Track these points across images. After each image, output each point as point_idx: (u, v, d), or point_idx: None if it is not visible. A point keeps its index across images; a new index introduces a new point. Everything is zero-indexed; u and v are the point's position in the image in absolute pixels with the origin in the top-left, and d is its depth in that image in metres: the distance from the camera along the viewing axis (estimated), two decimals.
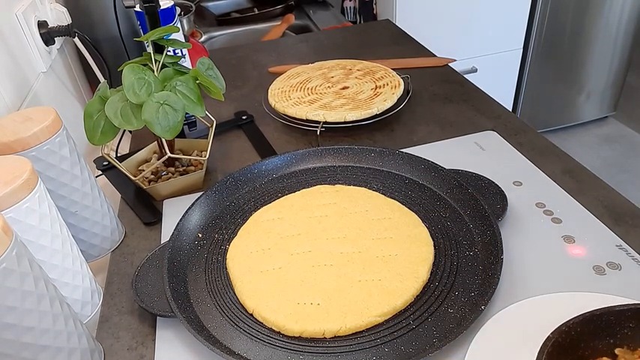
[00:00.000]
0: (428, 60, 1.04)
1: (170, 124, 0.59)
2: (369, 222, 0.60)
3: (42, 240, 0.48)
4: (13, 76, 0.72)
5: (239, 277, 0.54)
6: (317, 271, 0.54)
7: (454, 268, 0.54)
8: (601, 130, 2.37)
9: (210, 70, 0.67)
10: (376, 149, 0.70)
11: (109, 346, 0.51)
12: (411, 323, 0.48)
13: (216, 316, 0.51)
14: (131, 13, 1.00)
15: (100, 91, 0.62)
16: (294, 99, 0.86)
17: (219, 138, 0.84)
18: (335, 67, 0.96)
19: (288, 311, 0.50)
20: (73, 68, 1.02)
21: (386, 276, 0.52)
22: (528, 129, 0.77)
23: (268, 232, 0.60)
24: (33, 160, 0.51)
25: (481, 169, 0.65)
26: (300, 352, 0.47)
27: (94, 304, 0.55)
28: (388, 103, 0.81)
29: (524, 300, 0.48)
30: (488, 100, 0.88)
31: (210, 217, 0.64)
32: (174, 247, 0.58)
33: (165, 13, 0.73)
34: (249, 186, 0.69)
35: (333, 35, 1.26)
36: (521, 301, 0.48)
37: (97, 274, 0.61)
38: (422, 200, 0.64)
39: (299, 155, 0.72)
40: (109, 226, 0.62)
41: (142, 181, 0.68)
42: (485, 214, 0.57)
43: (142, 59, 0.64)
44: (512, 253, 0.55)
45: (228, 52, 1.20)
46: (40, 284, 0.41)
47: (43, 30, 0.85)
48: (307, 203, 0.64)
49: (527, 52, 1.98)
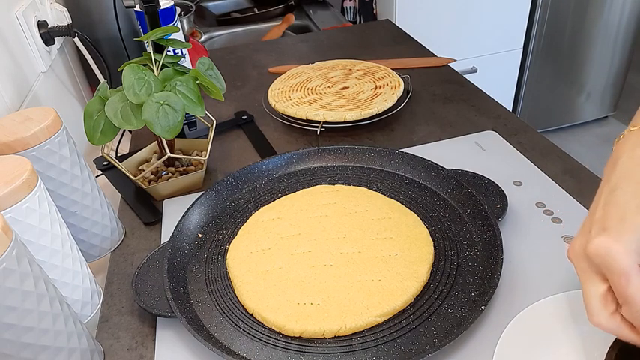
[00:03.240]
0: (428, 60, 1.04)
1: (170, 124, 0.59)
2: (369, 222, 0.60)
3: (42, 240, 0.48)
4: (13, 76, 0.72)
5: (239, 277, 0.54)
6: (317, 271, 0.54)
7: (454, 268, 0.54)
8: (601, 130, 2.37)
9: (210, 70, 0.67)
10: (376, 149, 0.70)
11: (109, 346, 0.51)
12: (411, 323, 0.48)
13: (216, 316, 0.51)
14: (131, 13, 1.00)
15: (100, 91, 0.62)
16: (294, 99, 0.86)
17: (219, 138, 0.84)
18: (335, 67, 0.96)
19: (288, 311, 0.50)
20: (73, 68, 1.02)
21: (386, 276, 0.52)
22: (528, 129, 0.77)
23: (268, 232, 0.60)
24: (33, 160, 0.51)
25: (481, 169, 0.65)
26: (300, 352, 0.47)
27: (94, 304, 0.55)
28: (388, 103, 0.81)
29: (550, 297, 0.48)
30: (488, 100, 0.88)
31: (210, 217, 0.64)
32: (174, 247, 0.58)
33: (165, 13, 0.73)
34: (249, 186, 0.69)
35: (333, 35, 1.26)
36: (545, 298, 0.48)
37: (97, 274, 0.61)
38: (422, 200, 0.64)
39: (299, 155, 0.72)
40: (109, 226, 0.62)
41: (142, 181, 0.68)
42: (485, 214, 0.57)
43: (142, 59, 0.64)
44: (512, 253, 0.55)
45: (228, 52, 1.20)
46: (40, 284, 0.41)
47: (43, 30, 0.85)
48: (307, 203, 0.64)
49: (527, 52, 1.98)
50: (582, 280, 0.39)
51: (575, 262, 0.39)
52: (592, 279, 0.38)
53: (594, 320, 0.38)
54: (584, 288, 0.39)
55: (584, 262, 0.38)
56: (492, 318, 0.48)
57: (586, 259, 0.38)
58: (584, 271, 0.39)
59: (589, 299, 0.38)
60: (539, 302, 0.48)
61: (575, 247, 0.39)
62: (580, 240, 0.39)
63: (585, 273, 0.39)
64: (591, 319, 0.38)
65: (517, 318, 0.46)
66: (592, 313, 0.38)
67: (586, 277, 0.39)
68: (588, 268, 0.38)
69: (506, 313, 0.48)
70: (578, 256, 0.39)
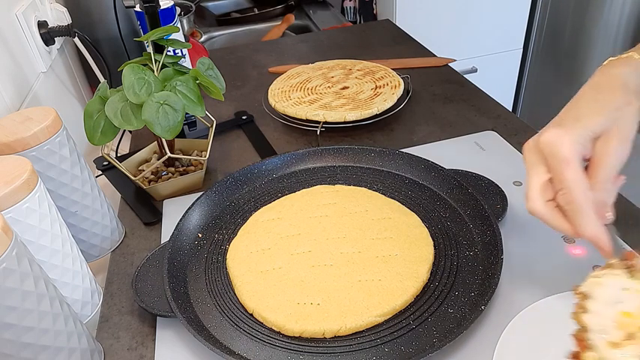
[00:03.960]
0: (428, 60, 1.04)
1: (170, 124, 0.59)
2: (369, 222, 0.60)
3: (42, 240, 0.48)
4: (13, 76, 0.72)
5: (239, 277, 0.54)
6: (317, 271, 0.54)
7: (454, 268, 0.54)
8: None
9: (210, 70, 0.67)
10: (376, 149, 0.70)
11: (109, 346, 0.51)
12: (411, 323, 0.48)
13: (216, 316, 0.51)
14: (131, 13, 1.00)
15: (100, 91, 0.62)
16: (294, 99, 0.86)
17: (219, 138, 0.84)
18: (335, 67, 0.96)
19: (288, 311, 0.50)
20: (73, 68, 1.02)
21: (386, 276, 0.52)
22: (528, 129, 0.77)
23: (268, 232, 0.60)
24: (33, 160, 0.51)
25: (481, 169, 0.65)
26: (300, 352, 0.47)
27: (94, 304, 0.55)
28: (388, 103, 0.81)
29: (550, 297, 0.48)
30: (488, 100, 0.88)
31: (210, 217, 0.64)
32: (174, 247, 0.58)
33: (165, 13, 0.73)
34: (249, 186, 0.69)
35: (333, 35, 1.26)
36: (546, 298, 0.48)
37: (97, 274, 0.61)
38: (422, 200, 0.64)
39: (299, 155, 0.72)
40: (109, 226, 0.62)
41: (142, 181, 0.68)
42: (485, 214, 0.57)
43: (142, 59, 0.64)
44: (512, 253, 0.55)
45: (228, 52, 1.20)
46: (40, 284, 0.41)
47: (43, 30, 0.85)
48: (307, 203, 0.64)
49: (527, 52, 1.98)
50: (528, 170, 0.43)
51: (527, 154, 0.43)
52: (537, 169, 0.42)
53: (530, 205, 0.42)
54: (528, 178, 0.43)
55: (534, 154, 0.42)
56: (492, 318, 0.48)
57: (537, 150, 0.42)
58: (533, 162, 0.43)
59: (530, 187, 0.42)
60: (539, 302, 0.48)
61: (530, 141, 0.43)
62: (535, 136, 0.42)
63: (533, 164, 0.43)
64: (528, 205, 0.42)
65: (517, 318, 0.46)
66: (530, 199, 0.42)
67: (532, 167, 0.43)
68: (536, 160, 0.42)
69: (506, 313, 0.48)
70: (531, 149, 0.43)
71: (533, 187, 0.42)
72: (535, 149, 0.42)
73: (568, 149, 0.40)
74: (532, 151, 0.43)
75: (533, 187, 0.42)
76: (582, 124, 0.41)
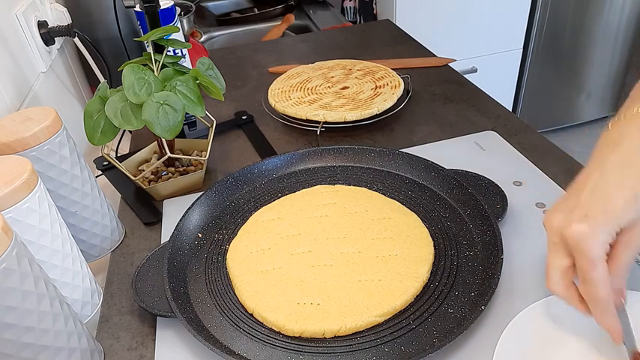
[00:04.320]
0: (428, 60, 1.04)
1: (170, 124, 0.59)
2: (369, 222, 0.60)
3: (42, 240, 0.48)
4: (13, 76, 0.72)
5: (239, 277, 0.54)
6: (317, 271, 0.54)
7: (454, 268, 0.54)
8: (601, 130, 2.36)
9: (210, 70, 0.67)
10: (376, 149, 0.70)
11: (109, 346, 0.51)
12: (411, 323, 0.48)
13: (216, 316, 0.51)
14: (131, 13, 1.00)
15: (100, 91, 0.62)
16: (294, 99, 0.86)
17: (219, 138, 0.84)
18: (335, 67, 0.96)
19: (288, 311, 0.50)
20: (73, 68, 1.02)
21: (386, 276, 0.52)
22: (528, 129, 0.77)
23: (268, 232, 0.60)
24: (33, 160, 0.51)
25: (481, 169, 0.65)
26: (300, 352, 0.47)
27: (94, 304, 0.55)
28: (388, 103, 0.81)
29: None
30: (488, 100, 0.88)
31: (210, 217, 0.64)
32: (174, 247, 0.58)
33: (165, 13, 0.73)
34: (249, 186, 0.69)
35: (333, 35, 1.26)
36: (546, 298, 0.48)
37: (97, 274, 0.61)
38: (422, 200, 0.64)
39: (299, 155, 0.72)
40: (109, 226, 0.62)
41: (142, 181, 0.68)
42: (485, 214, 0.57)
43: (142, 59, 0.64)
44: (512, 253, 0.55)
45: (228, 52, 1.20)
46: (40, 284, 0.41)
47: (43, 30, 0.85)
48: (307, 203, 0.64)
49: (527, 52, 1.98)
50: (550, 250, 0.43)
51: (550, 234, 0.42)
52: (559, 253, 0.42)
53: (550, 287, 0.43)
54: (550, 258, 0.43)
55: (557, 238, 0.41)
56: (492, 318, 0.48)
57: (560, 236, 0.41)
58: (555, 244, 0.42)
59: (552, 269, 0.42)
60: (539, 302, 0.48)
61: (554, 223, 0.42)
62: (560, 216, 0.41)
63: (555, 246, 0.42)
64: (548, 285, 0.43)
65: (517, 318, 0.46)
66: (551, 281, 0.43)
67: (555, 249, 0.42)
68: (559, 244, 0.41)
69: (506, 313, 0.48)
70: (555, 231, 0.42)
71: (555, 271, 0.42)
72: (559, 235, 0.41)
73: (595, 251, 0.38)
74: (556, 235, 0.41)
75: (555, 270, 0.42)
76: (610, 220, 0.38)
